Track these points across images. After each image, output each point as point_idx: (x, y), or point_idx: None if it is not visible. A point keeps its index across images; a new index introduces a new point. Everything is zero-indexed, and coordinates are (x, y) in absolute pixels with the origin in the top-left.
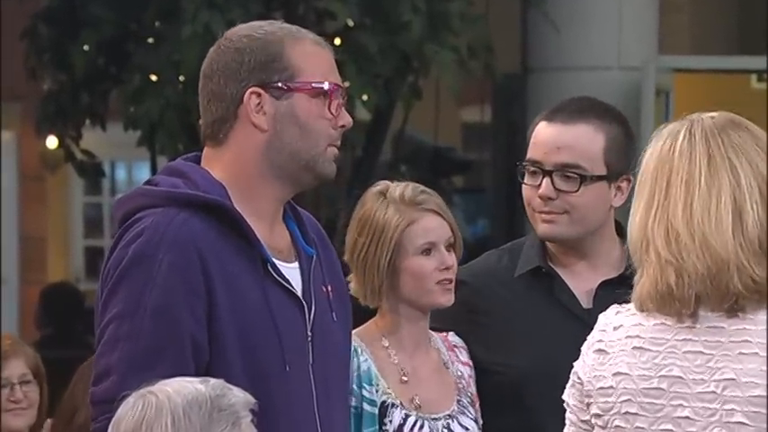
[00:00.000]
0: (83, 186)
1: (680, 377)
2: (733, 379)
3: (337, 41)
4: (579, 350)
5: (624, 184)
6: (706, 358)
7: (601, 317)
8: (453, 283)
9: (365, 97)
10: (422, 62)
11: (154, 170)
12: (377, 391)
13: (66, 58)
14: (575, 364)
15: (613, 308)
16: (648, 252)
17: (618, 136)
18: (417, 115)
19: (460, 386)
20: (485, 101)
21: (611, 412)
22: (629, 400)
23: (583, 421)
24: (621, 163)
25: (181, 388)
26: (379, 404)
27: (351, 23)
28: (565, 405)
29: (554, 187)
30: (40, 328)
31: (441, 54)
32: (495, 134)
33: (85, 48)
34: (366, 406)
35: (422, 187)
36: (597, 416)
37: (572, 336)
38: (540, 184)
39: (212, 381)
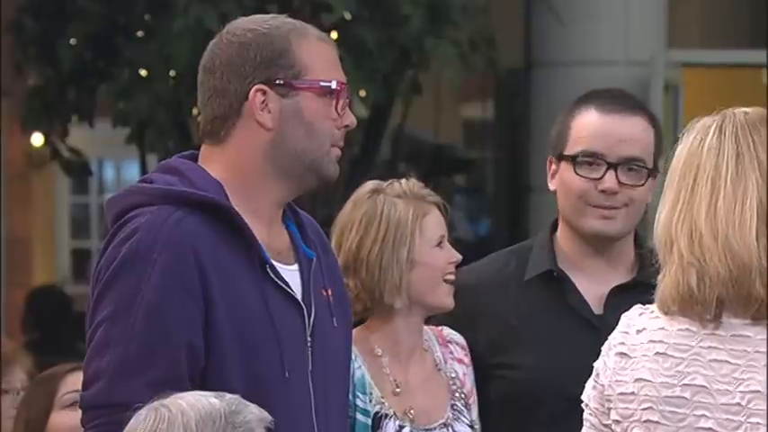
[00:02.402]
0: (69, 185)
1: (704, 386)
2: (758, 391)
3: (334, 35)
4: (590, 357)
5: (653, 182)
6: (731, 368)
7: (623, 317)
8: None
9: (363, 93)
10: (422, 57)
11: (143, 168)
12: (370, 401)
13: (52, 52)
14: (595, 364)
15: (636, 308)
16: (672, 252)
17: (658, 131)
18: (417, 112)
19: (454, 388)
20: (487, 97)
21: (632, 419)
22: (650, 407)
23: (605, 425)
24: (658, 158)
25: (195, 402)
26: (372, 414)
27: (348, 17)
28: (584, 406)
29: (618, 181)
30: (25, 332)
31: (441, 48)
32: (497, 131)
33: (72, 42)
34: (359, 416)
35: (419, 183)
36: (616, 422)
37: (583, 342)
38: (600, 178)
39: (228, 396)
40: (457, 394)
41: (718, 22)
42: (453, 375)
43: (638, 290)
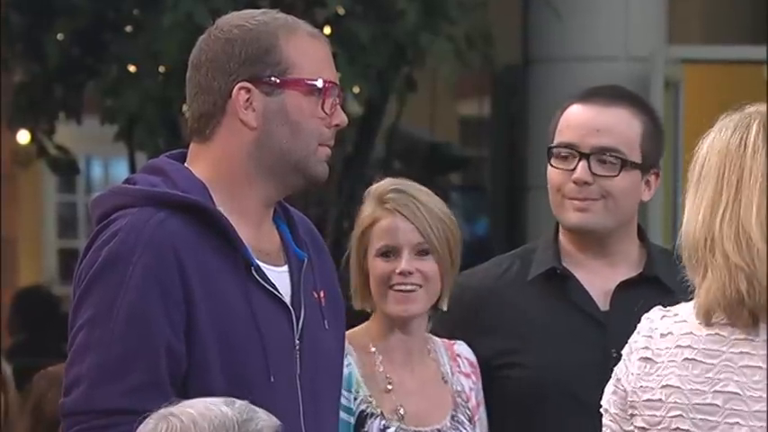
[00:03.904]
0: (56, 184)
1: (737, 393)
2: None
3: (327, 31)
4: (596, 354)
5: (653, 179)
6: (765, 374)
7: (644, 320)
8: (417, 291)
9: (357, 90)
10: (417, 53)
11: (132, 166)
12: (355, 399)
13: (39, 48)
14: (615, 369)
15: (658, 311)
16: (714, 253)
17: (651, 125)
18: (412, 109)
19: (458, 400)
20: (483, 93)
21: (659, 427)
22: (680, 415)
23: (626, 431)
24: (654, 154)
25: (206, 411)
26: (357, 413)
27: (342, 11)
28: (603, 411)
29: (591, 171)
30: (12, 333)
31: (437, 44)
32: (494, 129)
33: (60, 37)
34: (342, 414)
35: (398, 185)
36: (642, 429)
37: (588, 339)
38: (574, 169)
39: (238, 403)
40: (461, 407)
41: (718, 18)
42: (459, 389)
43: (644, 285)
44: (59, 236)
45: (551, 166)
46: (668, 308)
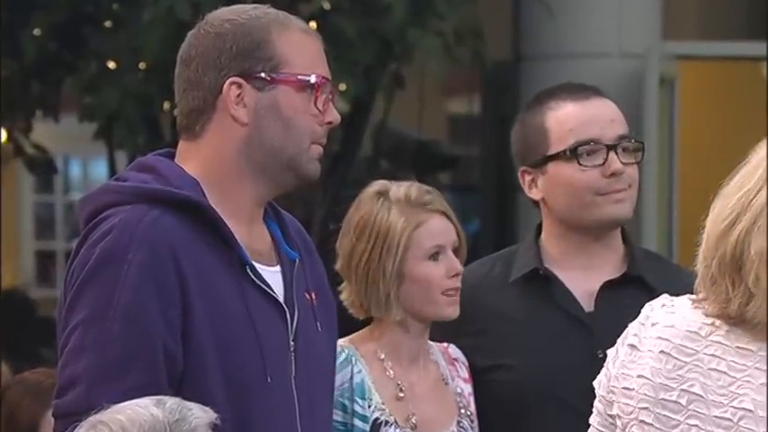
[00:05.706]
0: (33, 184)
1: (700, 396)
2: (750, 410)
3: (313, 26)
4: (581, 355)
5: None
6: (729, 380)
7: (646, 306)
8: (459, 293)
9: (343, 87)
10: (404, 49)
11: (111, 166)
12: (369, 407)
13: (15, 43)
14: (608, 351)
15: (662, 299)
16: (725, 241)
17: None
18: (400, 106)
19: (460, 405)
20: (473, 91)
21: (630, 416)
22: (646, 408)
23: (609, 416)
24: None
25: (135, 416)
26: (371, 421)
27: (327, 6)
28: (596, 392)
29: (621, 161)
30: None
31: (425, 40)
32: (484, 127)
33: (37, 32)
34: (357, 422)
35: (426, 186)
36: (618, 417)
37: (573, 341)
38: (603, 164)
39: (168, 402)
40: (463, 411)
41: (714, 14)
42: (459, 392)
43: (628, 285)
44: (36, 237)
45: (580, 165)
46: (673, 298)
